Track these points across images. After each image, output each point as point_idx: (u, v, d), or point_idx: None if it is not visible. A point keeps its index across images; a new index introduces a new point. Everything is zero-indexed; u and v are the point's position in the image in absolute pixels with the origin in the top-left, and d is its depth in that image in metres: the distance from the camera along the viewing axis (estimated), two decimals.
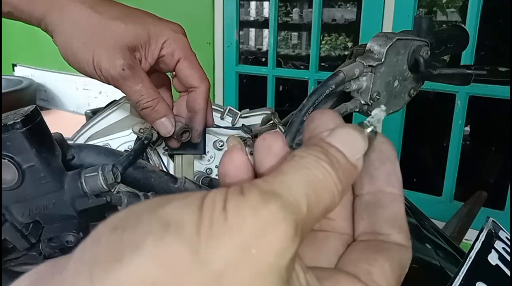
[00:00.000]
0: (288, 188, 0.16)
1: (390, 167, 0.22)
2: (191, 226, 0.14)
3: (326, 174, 0.17)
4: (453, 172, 1.99)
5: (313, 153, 0.18)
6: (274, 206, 0.15)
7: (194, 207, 0.15)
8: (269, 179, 0.17)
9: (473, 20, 1.80)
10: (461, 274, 0.36)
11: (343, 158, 0.19)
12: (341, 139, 0.19)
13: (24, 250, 0.46)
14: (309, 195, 0.16)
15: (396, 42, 0.51)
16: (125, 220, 0.15)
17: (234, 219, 0.15)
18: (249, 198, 0.15)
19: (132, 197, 0.45)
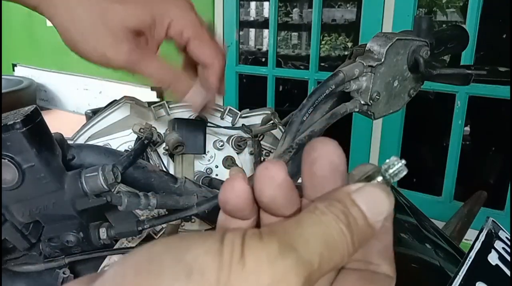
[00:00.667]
0: (305, 243, 0.17)
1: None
2: (212, 273, 0.15)
3: (341, 236, 0.18)
4: (453, 172, 1.99)
5: (334, 211, 0.19)
6: (290, 261, 0.16)
7: (214, 252, 0.16)
8: (288, 228, 0.18)
9: (473, 20, 1.80)
10: (461, 274, 0.36)
11: (362, 220, 0.19)
12: (367, 199, 0.20)
13: (24, 250, 0.46)
14: (323, 253, 0.17)
15: (396, 42, 0.51)
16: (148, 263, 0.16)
17: (252, 268, 0.16)
18: (268, 246, 0.16)
19: (132, 196, 0.45)
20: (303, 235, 0.17)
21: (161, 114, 0.67)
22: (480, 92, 1.86)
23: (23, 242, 0.45)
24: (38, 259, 0.48)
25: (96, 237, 0.47)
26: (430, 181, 2.25)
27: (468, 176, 2.16)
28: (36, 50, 3.97)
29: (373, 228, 0.20)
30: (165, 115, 0.67)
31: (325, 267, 0.18)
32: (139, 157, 0.51)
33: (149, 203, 0.46)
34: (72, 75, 3.76)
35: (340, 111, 0.50)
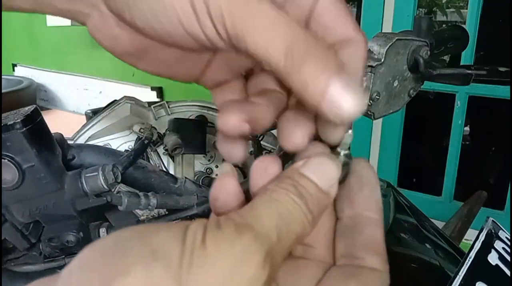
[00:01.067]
0: (259, 220, 0.18)
1: (368, 192, 0.23)
2: (175, 256, 0.16)
3: (295, 206, 0.19)
4: (453, 171, 1.99)
5: (284, 186, 0.20)
6: (247, 238, 0.17)
7: (178, 238, 0.17)
8: (243, 213, 0.18)
9: (473, 20, 1.80)
10: (461, 274, 0.36)
11: (314, 188, 0.20)
12: (313, 169, 0.20)
13: (24, 250, 0.46)
14: (279, 226, 0.18)
15: (396, 43, 0.51)
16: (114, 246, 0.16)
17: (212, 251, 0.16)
18: (225, 231, 0.17)
19: (133, 196, 0.45)
20: (256, 215, 0.18)
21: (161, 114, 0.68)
22: (480, 92, 1.85)
23: (23, 242, 0.45)
24: (38, 259, 0.48)
25: (96, 237, 0.47)
26: (430, 181, 2.24)
27: (468, 176, 2.16)
28: (36, 50, 3.97)
29: (328, 194, 0.20)
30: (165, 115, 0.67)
31: (286, 238, 0.18)
32: (139, 157, 0.51)
33: (149, 203, 0.46)
34: (72, 75, 3.76)
35: None
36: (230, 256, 0.16)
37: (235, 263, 0.16)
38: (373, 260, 0.21)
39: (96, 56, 3.33)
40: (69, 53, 3.63)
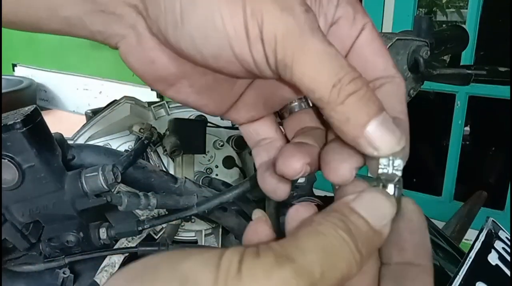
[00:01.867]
0: (302, 253, 0.17)
1: (420, 238, 0.22)
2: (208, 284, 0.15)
3: (343, 243, 0.18)
4: (453, 171, 1.99)
5: (331, 220, 0.18)
6: (287, 271, 0.16)
7: (211, 265, 0.16)
8: (285, 243, 0.17)
9: (473, 20, 1.80)
10: (461, 274, 0.36)
11: (365, 225, 0.19)
12: (365, 204, 0.19)
13: (24, 250, 0.46)
14: (323, 262, 0.17)
15: (396, 42, 0.51)
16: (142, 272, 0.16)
17: (248, 281, 0.15)
18: (264, 260, 0.16)
19: (133, 197, 0.45)
20: (299, 246, 0.17)
21: (161, 114, 0.68)
22: (480, 92, 1.86)
23: (23, 242, 0.45)
24: (38, 259, 0.48)
25: (96, 237, 0.47)
26: (430, 180, 2.24)
27: (468, 176, 2.16)
28: (36, 50, 3.97)
29: (380, 234, 0.19)
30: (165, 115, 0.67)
31: (330, 276, 0.17)
32: (139, 157, 0.51)
33: (149, 203, 0.46)
34: (72, 75, 3.76)
35: None
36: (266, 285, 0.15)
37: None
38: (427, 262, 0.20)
39: (96, 56, 3.33)
40: (69, 53, 3.63)
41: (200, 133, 0.63)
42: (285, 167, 0.23)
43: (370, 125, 0.20)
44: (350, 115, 0.20)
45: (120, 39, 0.24)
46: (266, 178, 0.26)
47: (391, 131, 0.20)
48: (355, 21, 0.24)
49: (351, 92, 0.20)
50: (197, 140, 0.62)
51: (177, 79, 0.25)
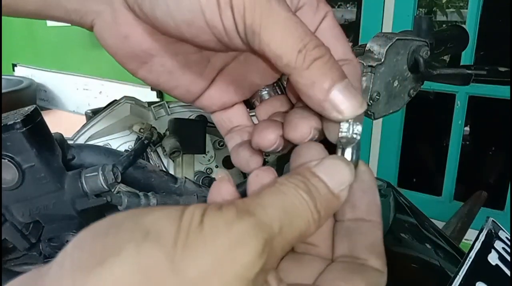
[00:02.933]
0: (263, 209, 0.18)
1: (371, 197, 0.23)
2: (169, 236, 0.16)
3: (302, 202, 0.19)
4: (453, 171, 1.99)
5: (293, 181, 0.19)
6: (247, 223, 0.17)
7: (173, 218, 0.16)
8: (247, 200, 0.18)
9: (473, 20, 1.80)
10: (461, 274, 0.36)
11: (324, 188, 0.20)
12: (326, 170, 0.20)
13: (24, 250, 0.46)
14: (283, 219, 0.18)
15: (396, 42, 0.51)
16: (107, 227, 0.16)
17: (209, 231, 0.16)
18: (225, 213, 0.17)
19: (133, 197, 0.45)
20: (260, 203, 0.18)
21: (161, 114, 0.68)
22: (480, 92, 1.86)
23: (23, 242, 0.45)
24: (38, 259, 0.48)
25: None
26: (430, 180, 2.24)
27: (468, 176, 2.16)
28: (36, 50, 3.97)
29: (338, 197, 0.20)
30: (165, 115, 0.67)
31: (288, 232, 0.18)
32: (139, 157, 0.51)
33: (149, 203, 0.46)
34: (72, 75, 3.76)
35: None
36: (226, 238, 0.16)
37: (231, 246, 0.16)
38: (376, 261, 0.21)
39: (96, 56, 3.33)
40: (69, 53, 3.63)
41: (200, 133, 0.63)
42: (261, 139, 0.24)
43: (334, 90, 0.21)
44: (315, 79, 0.21)
45: (96, 16, 0.25)
46: (240, 152, 0.27)
47: (354, 96, 0.22)
48: (318, 9, 0.27)
49: (316, 57, 0.21)
50: (197, 140, 0.63)
51: (149, 56, 0.26)
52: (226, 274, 0.15)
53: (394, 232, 0.56)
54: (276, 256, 0.18)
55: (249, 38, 0.22)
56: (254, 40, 0.22)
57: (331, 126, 0.23)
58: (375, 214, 0.23)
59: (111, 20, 0.25)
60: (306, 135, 0.23)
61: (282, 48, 0.21)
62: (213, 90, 0.29)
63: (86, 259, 0.15)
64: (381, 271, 0.21)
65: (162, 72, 0.27)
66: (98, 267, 0.15)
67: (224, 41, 0.23)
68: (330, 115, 0.22)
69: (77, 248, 0.16)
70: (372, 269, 0.21)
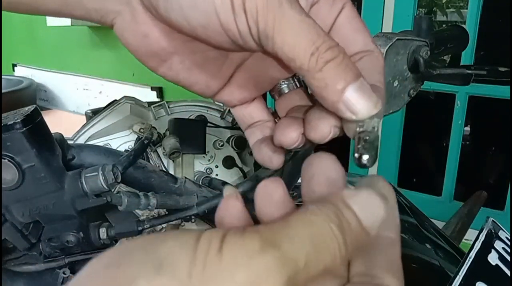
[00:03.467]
0: (290, 241, 0.16)
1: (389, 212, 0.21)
2: (183, 268, 0.15)
3: (332, 236, 0.17)
4: (453, 171, 1.99)
5: (326, 211, 0.18)
6: (271, 258, 0.15)
7: (188, 247, 0.15)
8: (274, 227, 0.17)
9: (473, 20, 1.80)
10: (461, 274, 0.36)
11: (355, 222, 0.19)
12: (360, 202, 0.19)
13: (24, 250, 0.46)
14: (309, 253, 0.16)
15: (396, 42, 0.51)
16: (119, 257, 0.16)
17: (228, 263, 0.15)
18: (248, 243, 0.15)
19: (133, 197, 0.45)
20: (288, 233, 0.17)
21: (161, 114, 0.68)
22: (480, 92, 1.85)
23: (23, 242, 0.45)
24: (38, 259, 0.48)
25: (96, 237, 0.47)
26: (430, 180, 2.24)
27: (468, 176, 2.16)
28: (36, 50, 3.97)
29: (367, 232, 0.19)
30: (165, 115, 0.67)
31: (313, 267, 0.17)
32: (139, 157, 0.51)
33: (149, 203, 0.46)
34: (72, 75, 3.76)
35: None
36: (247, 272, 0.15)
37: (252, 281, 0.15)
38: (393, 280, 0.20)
39: (96, 56, 3.33)
40: (69, 53, 3.63)
41: (200, 133, 0.63)
42: (283, 136, 0.24)
43: (348, 91, 0.21)
44: (328, 81, 0.21)
45: (116, 15, 0.26)
46: (262, 148, 0.28)
47: (368, 96, 0.22)
48: (335, 1, 0.26)
49: (328, 59, 0.21)
50: (197, 140, 0.62)
51: (169, 55, 0.26)
52: None
53: None
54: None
55: (263, 41, 0.22)
56: (268, 43, 0.22)
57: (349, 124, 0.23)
58: (393, 231, 0.22)
59: (131, 19, 0.25)
60: (326, 135, 0.24)
61: (295, 51, 0.21)
62: (233, 85, 0.29)
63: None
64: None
65: (182, 69, 0.27)
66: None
67: (239, 43, 0.23)
68: (344, 115, 0.22)
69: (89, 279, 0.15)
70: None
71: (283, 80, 0.30)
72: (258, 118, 0.30)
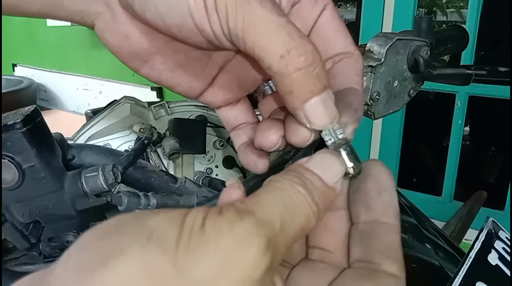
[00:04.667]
0: (262, 207, 0.18)
1: (387, 198, 0.22)
2: (171, 240, 0.16)
3: (299, 196, 0.19)
4: (453, 171, 1.99)
5: (288, 177, 0.19)
6: (248, 222, 0.16)
7: (176, 222, 0.16)
8: (246, 200, 0.18)
9: (473, 20, 1.80)
10: (461, 274, 0.36)
11: (318, 181, 0.20)
12: (317, 163, 0.21)
13: (24, 250, 0.46)
14: (283, 214, 0.18)
15: (396, 42, 0.51)
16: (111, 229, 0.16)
17: (211, 233, 0.16)
18: (226, 215, 0.17)
19: (133, 197, 0.45)
20: (259, 202, 0.18)
21: (161, 114, 0.68)
22: (480, 92, 1.85)
23: (23, 242, 0.45)
24: (38, 259, 0.48)
25: None
26: (430, 180, 2.24)
27: (468, 176, 2.16)
28: (36, 50, 3.97)
29: (333, 189, 0.20)
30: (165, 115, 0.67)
31: (290, 228, 0.18)
32: (139, 157, 0.51)
33: (149, 203, 0.46)
34: (72, 75, 3.76)
35: None
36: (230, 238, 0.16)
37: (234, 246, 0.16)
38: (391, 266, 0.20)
39: (96, 56, 3.33)
40: (69, 53, 3.63)
41: (200, 133, 0.63)
42: (263, 139, 0.25)
43: (310, 102, 0.21)
44: (294, 89, 0.21)
45: (97, 17, 0.26)
46: (247, 153, 0.28)
47: (328, 110, 0.22)
48: (316, 2, 0.26)
49: (300, 67, 0.21)
50: (197, 140, 0.63)
51: (150, 55, 0.26)
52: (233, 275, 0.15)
53: None
54: (280, 253, 0.17)
55: (235, 41, 0.22)
56: (239, 43, 0.22)
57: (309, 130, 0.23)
58: (392, 216, 0.22)
59: (111, 20, 0.25)
60: (307, 138, 0.24)
61: (264, 52, 0.21)
62: (216, 86, 0.29)
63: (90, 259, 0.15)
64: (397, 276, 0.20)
65: (164, 70, 0.27)
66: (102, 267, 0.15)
67: (214, 43, 0.23)
68: (300, 122, 0.22)
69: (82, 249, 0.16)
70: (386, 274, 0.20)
71: (267, 82, 0.30)
72: (243, 121, 0.30)
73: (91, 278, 0.15)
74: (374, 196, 0.22)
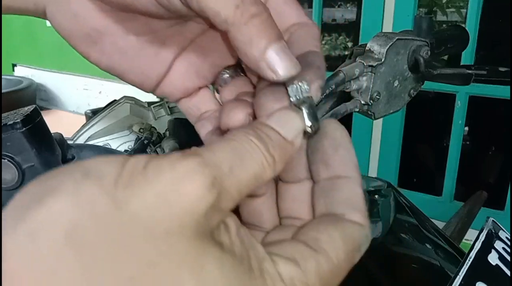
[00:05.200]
0: (209, 150, 0.17)
1: (343, 152, 0.22)
2: (110, 177, 0.15)
3: (252, 145, 0.19)
4: (453, 171, 1.99)
5: (244, 130, 0.19)
6: (192, 161, 0.16)
7: (116, 162, 0.16)
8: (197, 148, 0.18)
9: (473, 20, 1.80)
10: (461, 274, 0.36)
11: (275, 134, 0.20)
12: (275, 119, 0.21)
13: None
14: (231, 159, 0.17)
15: (396, 42, 0.51)
16: (50, 172, 0.16)
17: (152, 171, 0.16)
18: (170, 157, 0.16)
19: None
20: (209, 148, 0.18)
21: (161, 114, 0.68)
22: (480, 92, 1.86)
23: None
24: None
25: None
26: (430, 180, 2.24)
27: (468, 176, 2.16)
28: (36, 50, 3.97)
29: (292, 143, 0.20)
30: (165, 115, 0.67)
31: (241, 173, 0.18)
32: None
33: None
34: (72, 75, 3.76)
35: (340, 111, 0.50)
36: (170, 174, 0.16)
37: (175, 181, 0.15)
38: (354, 215, 0.21)
39: None
40: (69, 53, 3.61)
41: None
42: (229, 119, 0.24)
43: (271, 50, 0.21)
44: (253, 37, 0.21)
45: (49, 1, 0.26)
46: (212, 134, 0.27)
47: (289, 57, 0.22)
48: None
49: (254, 14, 0.21)
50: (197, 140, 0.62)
51: (99, 35, 0.26)
52: (172, 206, 0.15)
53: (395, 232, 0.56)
54: (231, 196, 0.17)
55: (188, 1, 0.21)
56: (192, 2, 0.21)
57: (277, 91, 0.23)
58: (352, 170, 0.22)
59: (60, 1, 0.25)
60: None
61: (220, 4, 0.21)
62: (173, 75, 0.28)
63: (26, 200, 0.15)
64: (360, 224, 0.21)
65: (114, 52, 0.26)
66: (36, 204, 0.15)
67: (164, 4, 0.23)
68: (265, 74, 0.22)
69: (21, 192, 0.16)
70: (349, 222, 0.21)
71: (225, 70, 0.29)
72: (206, 109, 0.29)
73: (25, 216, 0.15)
74: (331, 152, 0.22)
